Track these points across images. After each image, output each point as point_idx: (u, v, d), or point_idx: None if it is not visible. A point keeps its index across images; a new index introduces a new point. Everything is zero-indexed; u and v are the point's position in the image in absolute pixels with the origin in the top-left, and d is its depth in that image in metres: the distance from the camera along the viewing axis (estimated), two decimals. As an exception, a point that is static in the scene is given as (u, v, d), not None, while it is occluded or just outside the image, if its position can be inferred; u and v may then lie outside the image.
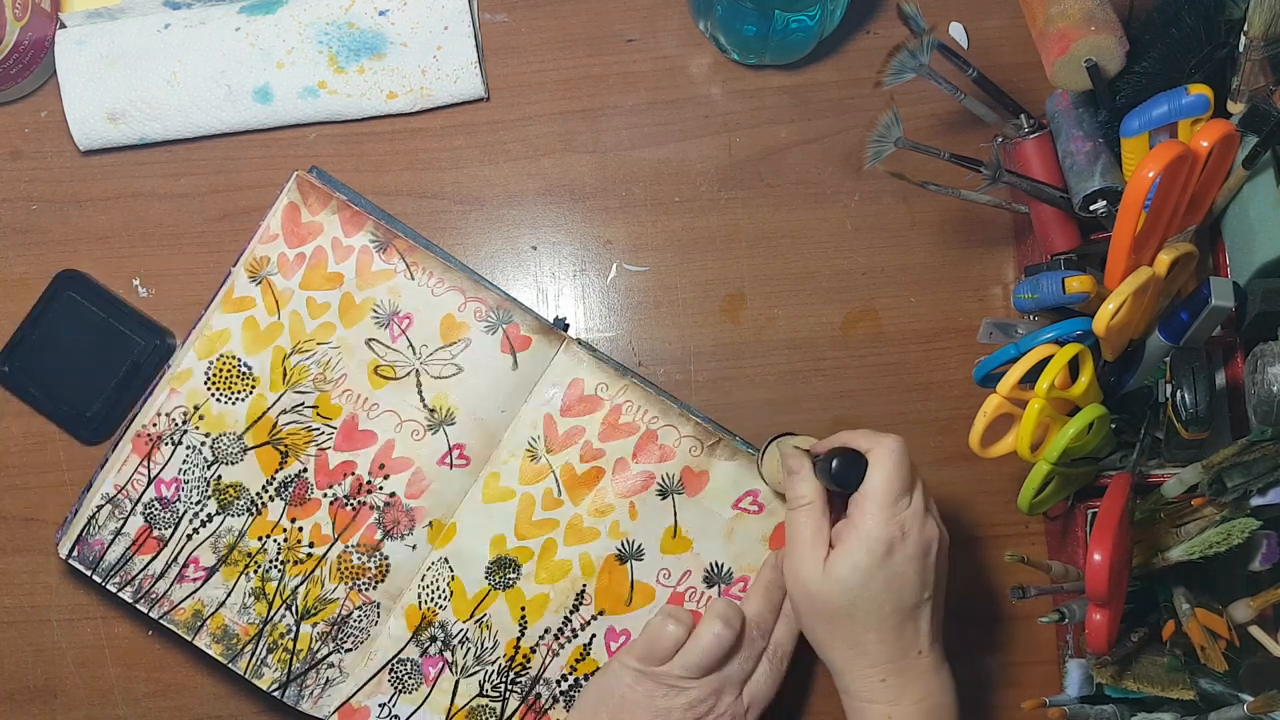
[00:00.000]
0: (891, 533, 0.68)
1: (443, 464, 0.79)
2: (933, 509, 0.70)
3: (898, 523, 0.68)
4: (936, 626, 0.70)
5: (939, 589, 0.70)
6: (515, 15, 0.84)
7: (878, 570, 0.67)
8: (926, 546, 0.69)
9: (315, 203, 0.79)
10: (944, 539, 0.70)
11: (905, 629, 0.69)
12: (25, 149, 0.85)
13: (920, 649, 0.69)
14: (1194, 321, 0.66)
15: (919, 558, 0.68)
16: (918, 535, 0.68)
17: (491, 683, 0.79)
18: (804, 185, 0.83)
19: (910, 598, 0.68)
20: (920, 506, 0.69)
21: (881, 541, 0.67)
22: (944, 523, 0.71)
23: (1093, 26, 0.67)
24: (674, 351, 0.83)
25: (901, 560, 0.68)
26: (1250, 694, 0.66)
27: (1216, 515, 0.67)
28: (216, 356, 0.79)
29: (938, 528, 0.70)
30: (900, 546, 0.68)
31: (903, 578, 0.68)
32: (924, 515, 0.69)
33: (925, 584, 0.69)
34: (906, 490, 0.69)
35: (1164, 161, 0.59)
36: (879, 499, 0.68)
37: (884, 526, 0.68)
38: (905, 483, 0.69)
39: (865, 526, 0.68)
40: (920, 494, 0.70)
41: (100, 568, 0.78)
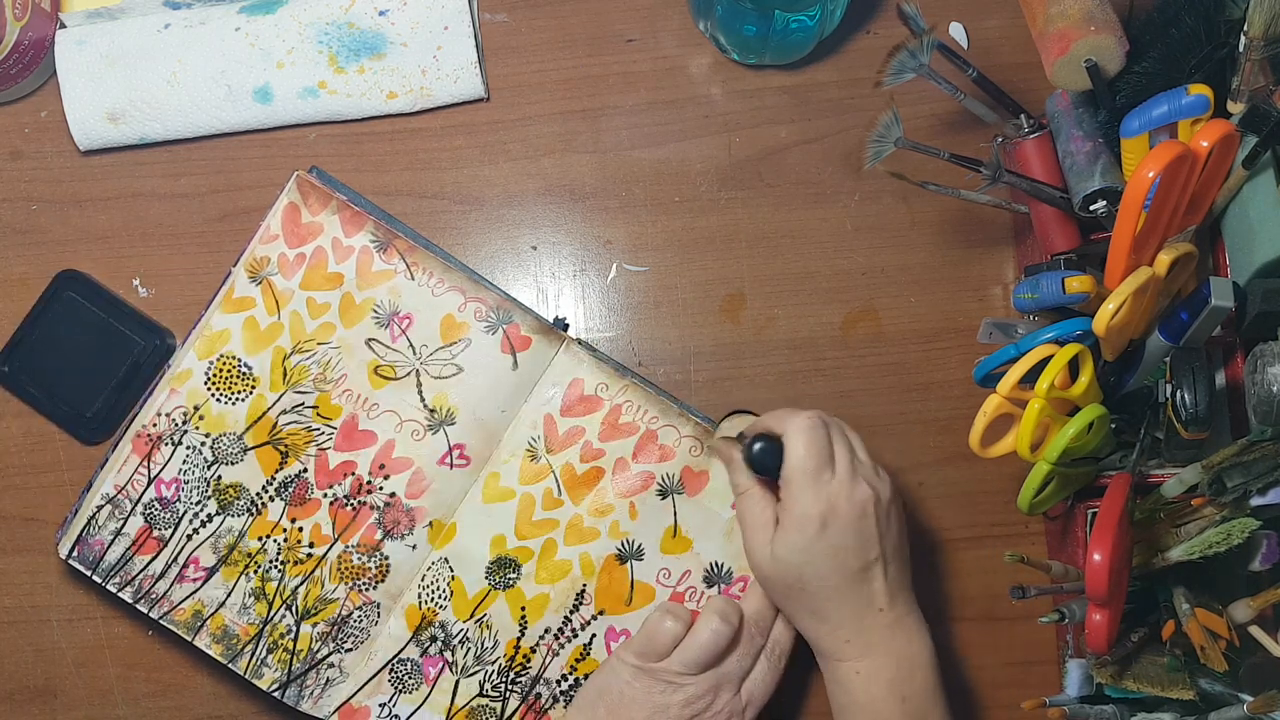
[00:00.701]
0: (820, 508, 0.69)
1: (443, 464, 0.79)
2: (862, 469, 0.71)
3: (824, 497, 0.69)
4: (895, 581, 0.70)
5: (890, 544, 0.70)
6: (515, 15, 0.84)
7: (815, 545, 0.69)
8: (861, 510, 0.69)
9: (315, 203, 0.79)
10: (881, 495, 0.70)
11: (859, 591, 0.69)
12: (25, 149, 0.85)
13: (879, 606, 0.70)
14: (1194, 321, 0.66)
15: (854, 523, 0.69)
16: (847, 503, 0.69)
17: (491, 682, 0.79)
18: (804, 185, 0.83)
19: (855, 562, 0.69)
20: (846, 474, 0.70)
21: (812, 519, 0.69)
22: (937, 516, 0.71)
23: (1093, 26, 0.67)
24: (674, 351, 0.83)
25: (836, 531, 0.69)
26: (1250, 694, 0.66)
27: (1216, 515, 0.67)
28: (216, 356, 0.79)
29: (870, 488, 0.70)
30: (832, 518, 0.69)
31: (842, 547, 0.69)
32: (851, 481, 0.69)
33: (868, 545, 0.69)
34: (825, 464, 0.69)
35: (1164, 161, 0.59)
36: (798, 480, 0.69)
37: (811, 504, 0.69)
38: (821, 457, 0.69)
39: (794, 508, 0.69)
40: (845, 461, 0.70)
41: (100, 568, 0.78)
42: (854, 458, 0.71)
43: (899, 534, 0.72)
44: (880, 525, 0.70)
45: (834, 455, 0.70)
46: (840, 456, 0.70)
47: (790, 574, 0.70)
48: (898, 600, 0.71)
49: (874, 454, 0.81)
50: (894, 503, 0.72)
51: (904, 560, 0.72)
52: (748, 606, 0.75)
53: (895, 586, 0.71)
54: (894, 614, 0.70)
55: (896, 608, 0.70)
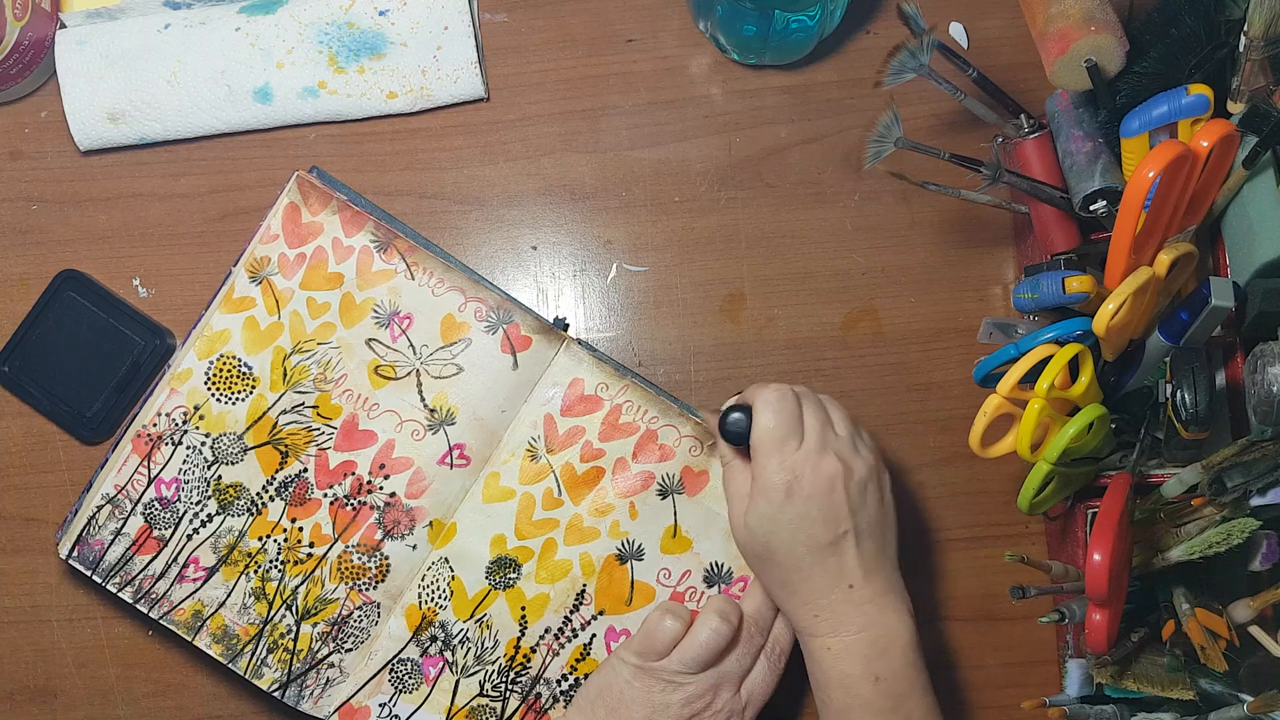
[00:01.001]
0: (784, 478, 0.69)
1: (443, 464, 0.79)
2: (835, 442, 0.70)
3: (788, 467, 0.69)
4: (870, 558, 0.70)
5: (866, 519, 0.70)
6: (515, 15, 0.84)
7: (780, 514, 0.69)
8: (829, 483, 0.69)
9: (315, 203, 0.79)
10: (854, 469, 0.70)
11: (826, 564, 0.69)
12: (25, 149, 0.85)
13: (851, 582, 0.69)
14: (1194, 321, 0.66)
15: (821, 495, 0.69)
16: (813, 473, 0.69)
17: (492, 682, 0.79)
18: (804, 185, 0.83)
19: (822, 535, 0.69)
20: (814, 445, 0.70)
21: (776, 488, 0.69)
22: (937, 516, 0.71)
23: (1093, 26, 0.67)
24: (674, 351, 0.83)
25: (801, 501, 0.69)
26: (1250, 694, 0.66)
27: (1216, 515, 0.67)
28: (217, 356, 0.79)
29: (840, 460, 0.70)
30: (797, 488, 0.69)
31: (806, 518, 0.69)
32: (819, 453, 0.69)
33: (837, 519, 0.69)
34: (791, 433, 0.70)
35: (1164, 161, 0.59)
36: (764, 449, 0.70)
37: (775, 473, 0.69)
38: (787, 427, 0.70)
39: (760, 478, 0.70)
40: (815, 432, 0.70)
41: (100, 568, 0.78)
42: (828, 430, 0.71)
43: (877, 510, 0.71)
44: (852, 499, 0.70)
45: (803, 425, 0.71)
46: (810, 427, 0.70)
47: (758, 543, 0.71)
48: (873, 577, 0.70)
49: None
50: (873, 479, 0.71)
51: (883, 537, 0.71)
52: (747, 606, 0.76)
53: (871, 563, 0.70)
54: (868, 590, 0.70)
55: (872, 584, 0.70)
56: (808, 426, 0.71)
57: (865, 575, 0.70)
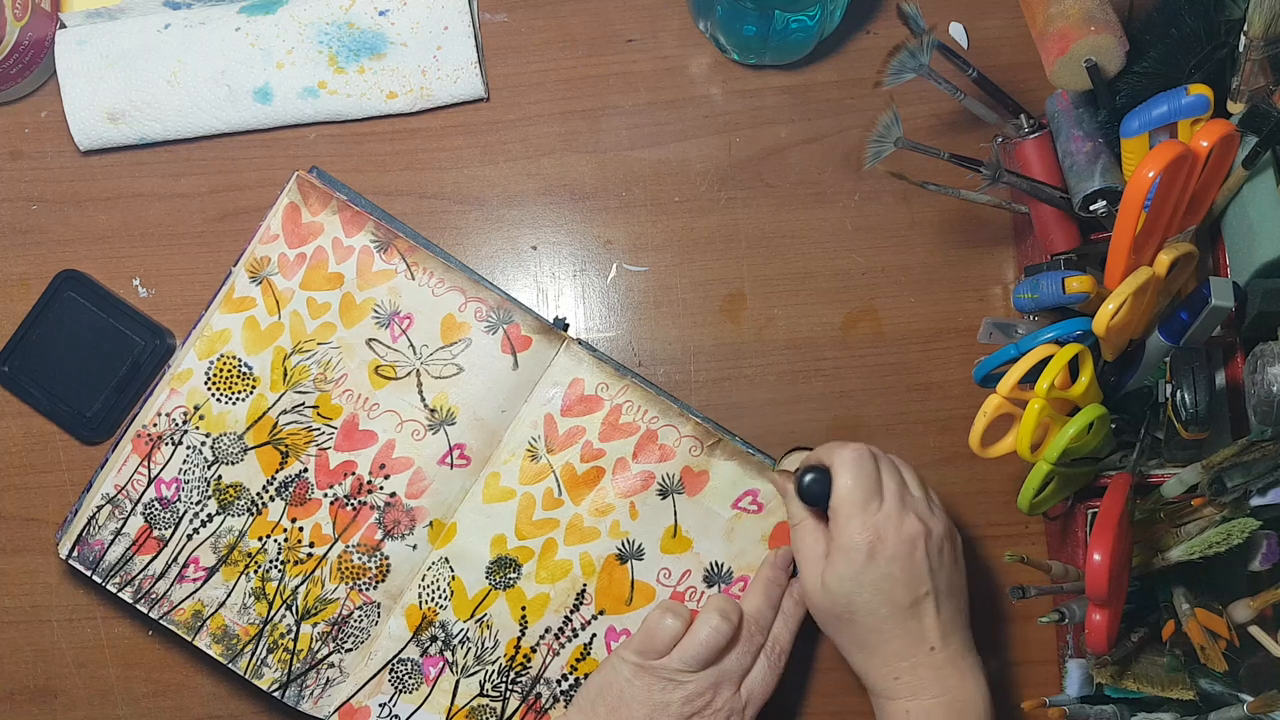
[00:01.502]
0: (867, 539, 0.68)
1: (443, 464, 0.79)
2: (912, 503, 0.70)
3: (870, 528, 0.69)
4: (949, 620, 0.70)
5: (943, 581, 0.70)
6: (515, 15, 0.84)
7: (862, 576, 0.68)
8: (911, 543, 0.69)
9: (315, 203, 0.79)
10: (933, 530, 0.70)
11: (908, 627, 0.69)
12: (25, 149, 0.85)
13: (931, 645, 0.69)
14: (1194, 321, 0.66)
15: (903, 557, 0.68)
16: (895, 534, 0.69)
17: (492, 682, 0.79)
18: (804, 185, 0.83)
19: (903, 597, 0.69)
20: (894, 507, 0.69)
21: (858, 549, 0.68)
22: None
23: (1093, 26, 0.67)
24: (674, 351, 0.83)
25: (884, 562, 0.68)
26: (1250, 694, 0.66)
27: (1216, 515, 0.67)
28: (217, 356, 0.79)
29: (920, 521, 0.69)
30: (880, 549, 0.68)
31: (890, 579, 0.68)
32: (900, 514, 0.69)
33: (917, 580, 0.69)
34: (873, 495, 0.69)
35: (1164, 161, 0.59)
36: (845, 509, 0.69)
37: (857, 534, 0.69)
38: (868, 489, 0.69)
39: (841, 538, 0.69)
40: (893, 492, 0.70)
41: (100, 568, 0.78)
42: (904, 490, 0.71)
43: (953, 571, 0.71)
44: (931, 560, 0.69)
45: (882, 486, 0.70)
46: (889, 488, 0.70)
47: (839, 605, 0.70)
48: (951, 640, 0.70)
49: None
50: (948, 539, 0.71)
51: (959, 599, 0.71)
52: (747, 605, 0.76)
53: (949, 625, 0.70)
54: (946, 653, 0.69)
55: (949, 647, 0.69)
56: (886, 487, 0.70)
57: (944, 638, 0.69)
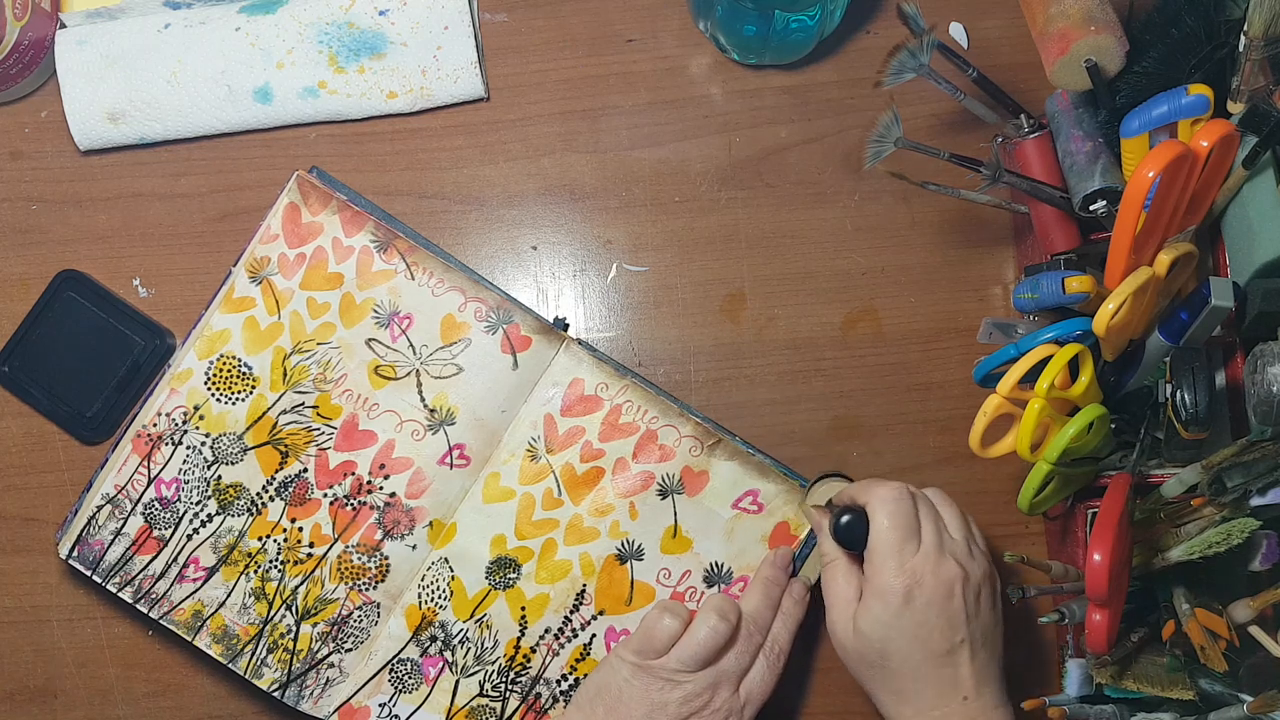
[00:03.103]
0: (904, 582, 0.67)
1: (443, 464, 0.79)
2: (951, 546, 0.69)
3: (908, 571, 0.67)
4: (983, 669, 0.68)
5: (980, 628, 0.68)
6: (515, 15, 0.84)
7: (898, 620, 0.67)
8: (948, 589, 0.67)
9: (315, 203, 0.79)
10: (971, 575, 0.68)
11: (943, 675, 0.67)
12: (25, 149, 0.84)
13: (965, 694, 0.67)
14: (1194, 321, 0.66)
15: (940, 601, 0.67)
16: (933, 578, 0.67)
17: (491, 682, 0.79)
18: (804, 185, 0.83)
19: (940, 643, 0.67)
20: (932, 548, 0.68)
21: (895, 593, 0.67)
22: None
23: (1093, 26, 0.67)
24: (674, 351, 0.83)
25: (921, 607, 0.67)
26: (1250, 694, 0.66)
27: (1216, 515, 0.67)
28: (217, 356, 0.79)
29: (959, 565, 0.68)
30: (917, 593, 0.67)
31: (926, 624, 0.67)
32: (938, 556, 0.68)
33: (954, 626, 0.67)
34: (911, 536, 0.68)
35: (1164, 161, 0.59)
36: (882, 552, 0.68)
37: (894, 577, 0.67)
38: (906, 530, 0.68)
39: (876, 581, 0.68)
40: (931, 536, 0.68)
41: (100, 568, 0.78)
42: (943, 533, 0.69)
43: (990, 616, 0.69)
44: (969, 606, 0.68)
45: (920, 528, 0.69)
46: (927, 530, 0.69)
47: (873, 649, 0.68)
48: (984, 690, 0.68)
49: (876, 456, 0.81)
50: (986, 584, 0.69)
51: (994, 647, 0.69)
52: (746, 605, 0.76)
53: (983, 675, 0.68)
54: (980, 704, 0.67)
55: (983, 698, 0.68)
56: (924, 528, 0.69)
57: (978, 687, 0.68)
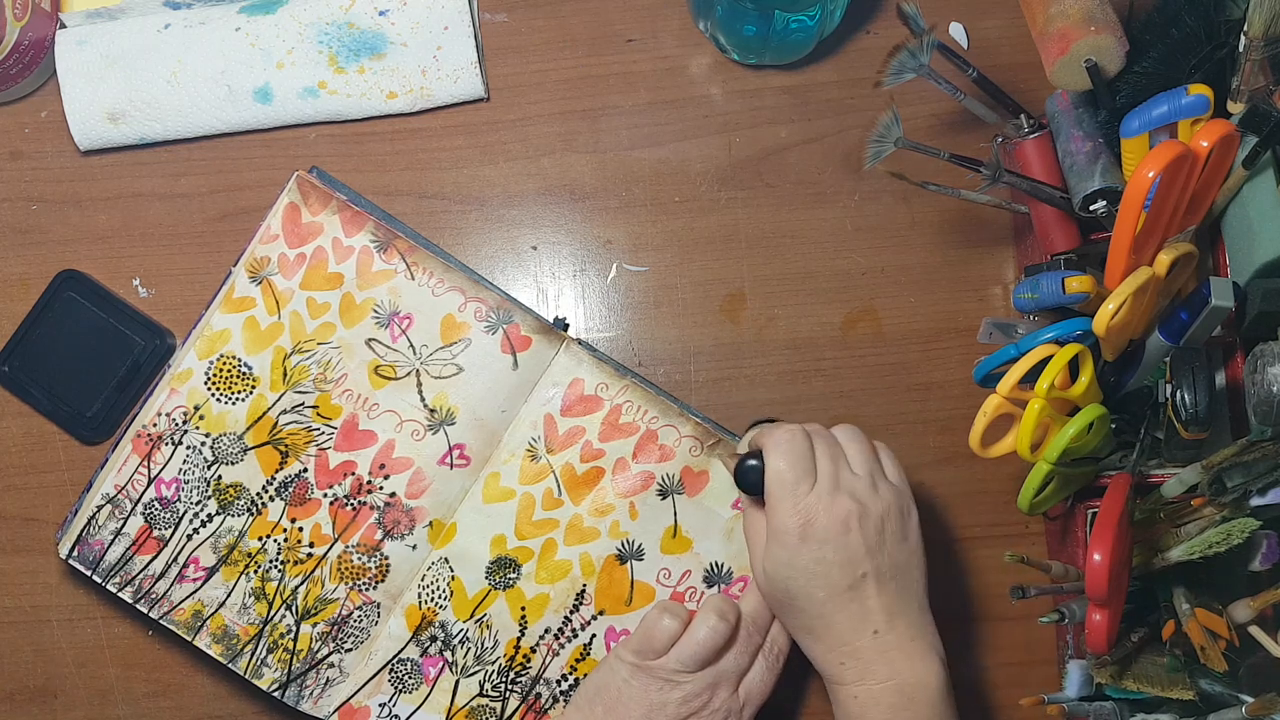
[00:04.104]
0: (798, 521, 0.68)
1: (443, 464, 0.79)
2: (849, 482, 0.69)
3: (800, 510, 0.68)
4: (893, 602, 0.68)
5: (886, 561, 0.68)
6: (515, 15, 0.84)
7: (796, 559, 0.68)
8: (843, 524, 0.67)
9: (315, 203, 0.79)
10: (870, 508, 0.68)
11: (848, 609, 0.68)
12: (25, 149, 0.85)
13: (875, 628, 0.68)
14: (1194, 321, 0.66)
15: (835, 538, 0.67)
16: (826, 517, 0.67)
17: (491, 682, 0.79)
18: (804, 185, 0.83)
19: (840, 579, 0.67)
20: (826, 486, 0.68)
21: (790, 532, 0.68)
22: (937, 516, 0.70)
23: (1093, 26, 0.67)
24: (674, 351, 0.83)
25: (816, 544, 0.67)
26: (1250, 694, 0.66)
27: (1216, 515, 0.67)
28: (217, 356, 0.79)
29: (855, 500, 0.68)
30: (810, 531, 0.67)
31: (824, 561, 0.67)
32: (831, 494, 0.68)
33: (854, 561, 0.67)
34: (805, 476, 0.68)
35: (1164, 161, 0.59)
36: (776, 493, 0.69)
37: (789, 517, 0.68)
38: (799, 470, 0.68)
39: (773, 522, 0.69)
40: (828, 474, 0.69)
41: (100, 568, 0.78)
42: (843, 469, 0.69)
43: (898, 550, 0.69)
44: (869, 540, 0.68)
45: (816, 467, 0.69)
46: (823, 468, 0.69)
47: (779, 589, 0.69)
48: (897, 622, 0.68)
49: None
50: (891, 517, 0.69)
51: (906, 579, 0.69)
52: (745, 605, 0.75)
53: (894, 607, 0.68)
54: (893, 636, 0.68)
55: (895, 630, 0.68)
56: (820, 467, 0.69)
57: (889, 620, 0.68)
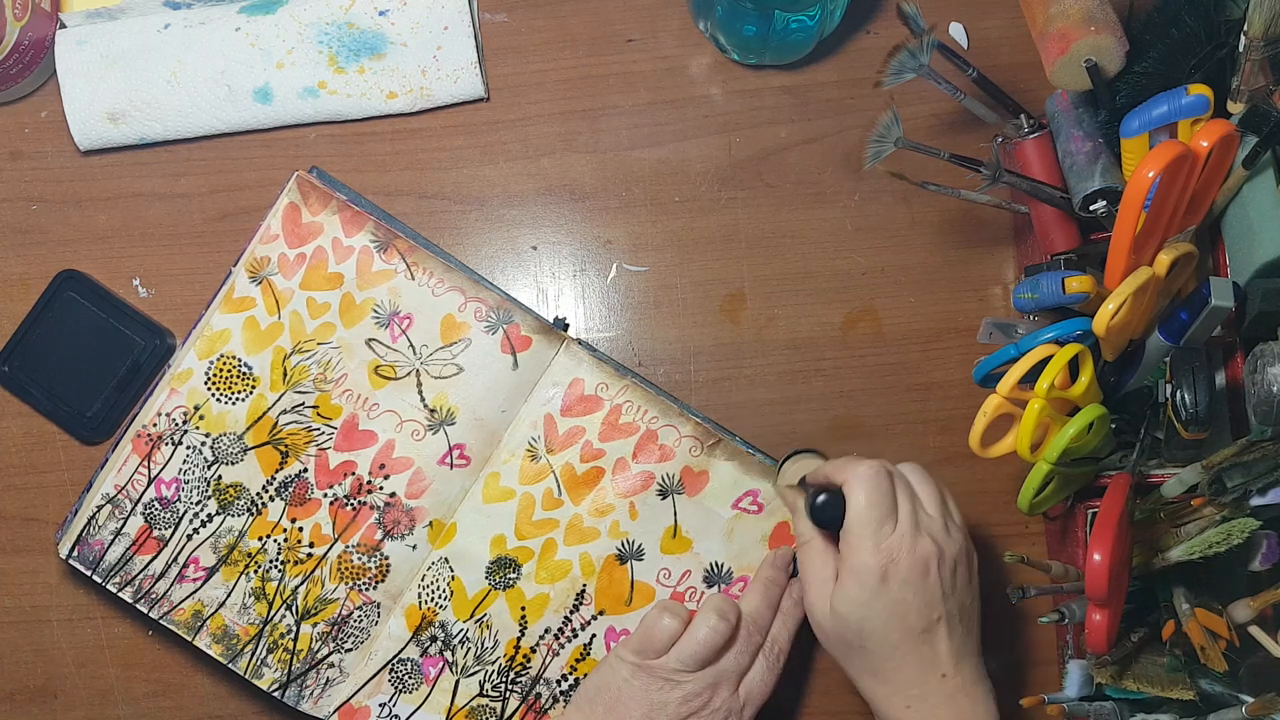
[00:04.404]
0: (880, 561, 0.66)
1: (443, 464, 0.79)
2: (927, 523, 0.68)
3: (884, 550, 0.66)
4: (960, 644, 0.68)
5: (955, 605, 0.68)
6: (515, 15, 0.84)
7: (875, 601, 0.66)
8: (924, 566, 0.67)
9: (315, 203, 0.79)
10: (946, 551, 0.68)
11: (920, 653, 0.67)
12: (25, 149, 0.85)
13: (943, 671, 0.67)
14: (1194, 321, 0.66)
15: (916, 580, 0.66)
16: (909, 558, 0.66)
17: (491, 683, 0.79)
18: (804, 185, 0.83)
19: (916, 622, 0.67)
20: (908, 527, 0.67)
21: (871, 572, 0.66)
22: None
23: (1093, 26, 0.67)
24: (674, 351, 0.83)
25: (897, 586, 0.66)
26: (1250, 694, 0.66)
27: (1216, 515, 0.67)
28: (217, 356, 0.79)
29: (934, 542, 0.67)
30: (893, 572, 0.66)
31: (903, 604, 0.66)
32: (914, 535, 0.67)
33: (931, 604, 0.67)
34: (888, 516, 0.67)
35: (1164, 161, 0.59)
36: (858, 531, 0.67)
37: (870, 557, 0.66)
38: (883, 509, 0.67)
39: (852, 560, 0.67)
40: (908, 514, 0.68)
41: (100, 568, 0.78)
42: (919, 511, 0.68)
43: (966, 594, 0.69)
44: (945, 583, 0.67)
45: (897, 507, 0.68)
46: (903, 509, 0.68)
47: (850, 630, 0.67)
48: (963, 666, 0.68)
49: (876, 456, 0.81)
50: (962, 561, 0.69)
51: (972, 624, 0.69)
52: (746, 605, 0.75)
53: (961, 651, 0.68)
54: (958, 680, 0.67)
55: (962, 674, 0.68)
56: (901, 507, 0.68)
57: (956, 664, 0.67)
